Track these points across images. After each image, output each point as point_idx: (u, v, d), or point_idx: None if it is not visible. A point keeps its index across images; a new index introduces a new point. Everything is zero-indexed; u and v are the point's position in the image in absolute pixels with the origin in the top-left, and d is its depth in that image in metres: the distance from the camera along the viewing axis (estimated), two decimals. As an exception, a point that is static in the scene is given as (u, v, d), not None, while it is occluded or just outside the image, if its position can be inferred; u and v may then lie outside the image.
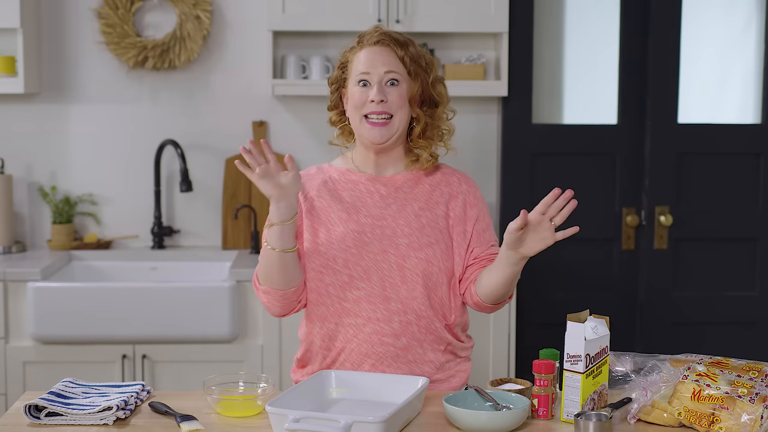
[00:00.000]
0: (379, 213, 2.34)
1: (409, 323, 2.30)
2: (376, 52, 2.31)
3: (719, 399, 1.96)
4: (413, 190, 2.37)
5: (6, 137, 4.04)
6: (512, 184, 4.12)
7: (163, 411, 2.11)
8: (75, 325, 3.50)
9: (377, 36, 2.32)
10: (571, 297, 4.14)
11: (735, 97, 4.26)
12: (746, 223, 4.18)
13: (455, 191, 2.39)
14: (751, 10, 4.19)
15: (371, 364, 2.30)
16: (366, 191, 2.36)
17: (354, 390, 2.15)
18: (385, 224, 2.32)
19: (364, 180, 2.37)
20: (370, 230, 2.31)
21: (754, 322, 4.20)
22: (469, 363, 2.45)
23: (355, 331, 2.31)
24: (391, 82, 2.30)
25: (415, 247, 2.30)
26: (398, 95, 2.30)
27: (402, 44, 2.32)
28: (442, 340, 2.35)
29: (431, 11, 3.87)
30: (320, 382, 2.15)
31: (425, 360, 2.33)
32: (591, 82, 4.21)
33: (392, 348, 2.30)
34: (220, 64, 4.08)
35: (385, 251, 2.30)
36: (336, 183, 2.38)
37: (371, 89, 2.29)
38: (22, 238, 4.08)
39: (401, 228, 2.32)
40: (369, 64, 2.30)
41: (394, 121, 2.31)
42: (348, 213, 2.33)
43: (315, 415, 1.89)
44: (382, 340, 2.30)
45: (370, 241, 2.30)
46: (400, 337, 2.30)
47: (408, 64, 2.31)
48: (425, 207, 2.36)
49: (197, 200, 4.11)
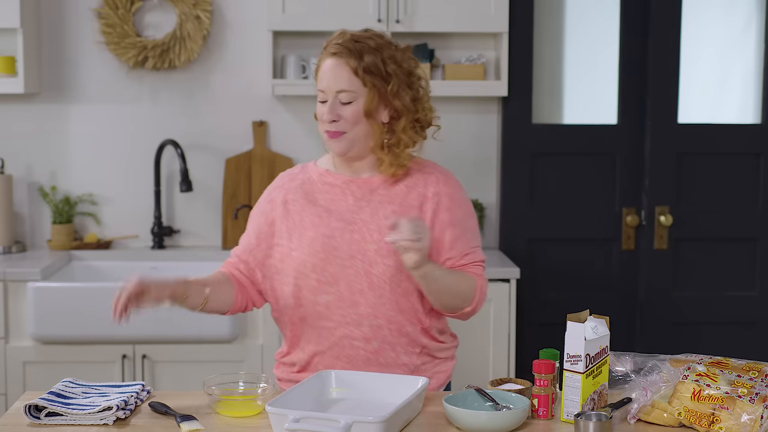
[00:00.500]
0: (351, 217, 2.30)
1: (380, 327, 2.28)
2: (331, 67, 2.25)
3: (719, 399, 1.96)
4: (389, 192, 2.32)
5: (6, 137, 4.04)
6: (512, 184, 4.12)
7: (163, 411, 2.11)
8: (75, 325, 3.50)
9: (334, 46, 2.25)
10: (571, 297, 4.14)
11: (735, 97, 4.26)
12: (746, 223, 4.18)
13: (430, 193, 2.32)
14: (751, 10, 4.19)
15: (341, 367, 2.29)
16: (341, 194, 2.33)
17: (354, 390, 2.15)
18: (355, 229, 2.29)
19: (341, 182, 2.34)
20: (339, 235, 2.28)
21: (754, 322, 4.20)
22: (452, 362, 2.43)
23: (327, 335, 2.30)
24: (344, 101, 2.25)
25: (383, 254, 2.26)
26: (351, 113, 2.25)
27: (358, 54, 2.24)
28: (416, 344, 2.32)
29: (431, 11, 3.87)
30: (320, 382, 2.15)
31: (398, 363, 2.31)
32: (591, 82, 4.21)
33: (363, 352, 2.29)
34: (220, 64, 4.08)
35: (353, 257, 2.27)
36: (313, 185, 2.36)
37: (326, 106, 2.27)
38: (22, 238, 4.08)
39: (371, 233, 2.28)
40: (324, 80, 2.26)
41: (347, 137, 2.27)
42: (320, 217, 2.31)
43: (315, 415, 1.89)
44: (352, 343, 2.29)
45: (338, 246, 2.27)
46: (370, 341, 2.29)
47: (362, 75, 2.24)
48: (398, 210, 2.29)
49: (197, 200, 4.11)
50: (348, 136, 2.27)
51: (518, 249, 4.12)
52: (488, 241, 4.19)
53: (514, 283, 3.70)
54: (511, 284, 3.70)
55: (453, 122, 4.13)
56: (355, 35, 2.28)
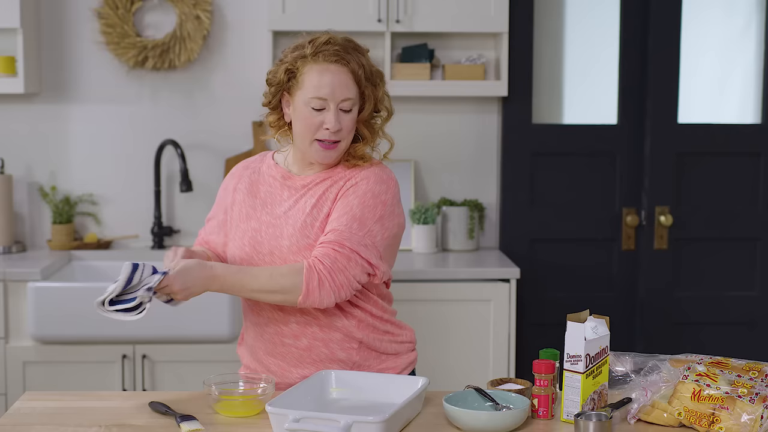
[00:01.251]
0: (279, 212, 2.29)
1: (308, 323, 2.26)
2: (333, 73, 2.21)
3: (719, 399, 1.96)
4: (314, 188, 2.29)
5: (6, 137, 4.04)
6: (512, 184, 4.12)
7: (163, 411, 2.11)
8: (75, 325, 3.50)
9: (334, 53, 2.20)
10: (571, 297, 4.14)
11: (735, 98, 4.26)
12: (746, 223, 4.18)
13: (347, 185, 2.25)
14: (751, 11, 4.19)
15: (276, 363, 2.29)
16: (279, 188, 2.32)
17: (354, 390, 2.15)
18: (277, 224, 2.27)
19: (280, 177, 2.33)
20: (265, 229, 2.28)
21: (754, 322, 4.20)
22: (406, 357, 2.37)
23: (260, 330, 2.31)
24: (346, 109, 2.23)
25: (294, 249, 2.24)
26: (350, 120, 2.24)
27: (358, 60, 2.23)
28: (352, 339, 2.28)
29: (431, 11, 3.87)
30: (320, 382, 2.15)
31: (335, 359, 2.27)
32: (591, 82, 4.21)
33: (293, 349, 2.28)
34: (220, 64, 4.08)
35: (271, 253, 2.26)
36: (260, 176, 2.36)
37: (326, 114, 2.21)
38: (22, 238, 4.08)
39: (287, 228, 2.26)
40: (326, 87, 2.19)
41: (341, 147, 2.26)
42: (255, 209, 2.31)
43: (315, 415, 1.89)
44: (282, 341, 2.29)
45: (262, 241, 2.28)
46: (299, 338, 2.27)
47: (363, 84, 2.23)
48: (315, 204, 2.26)
49: (197, 200, 4.11)
50: (341, 145, 2.25)
51: (518, 249, 4.12)
52: (488, 241, 4.20)
53: (514, 283, 3.70)
54: (511, 284, 3.70)
55: (453, 122, 4.13)
56: (344, 39, 2.25)
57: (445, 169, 4.14)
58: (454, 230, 4.05)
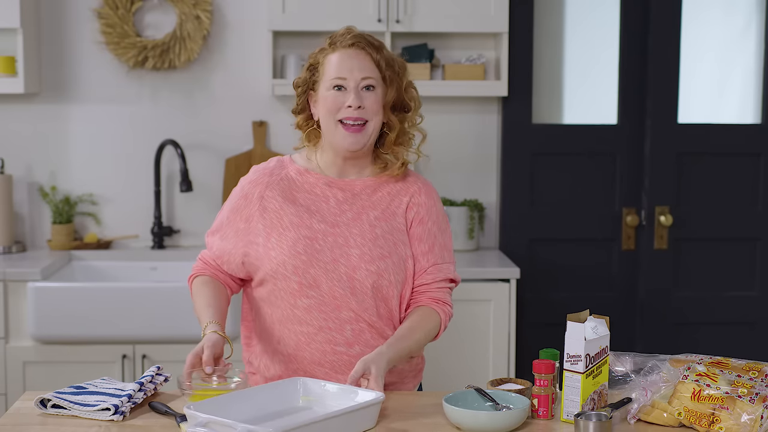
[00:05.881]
0: (333, 219, 2.28)
1: (362, 331, 2.27)
2: (351, 56, 2.25)
3: (719, 399, 1.96)
4: (371, 198, 2.32)
5: (6, 137, 4.05)
6: (512, 184, 4.12)
7: (163, 411, 2.11)
8: (75, 325, 3.50)
9: (351, 38, 2.26)
10: (571, 297, 4.14)
11: (735, 98, 4.26)
12: (746, 223, 4.18)
13: (413, 202, 2.33)
14: (751, 11, 4.19)
15: (324, 372, 2.28)
16: (322, 195, 2.31)
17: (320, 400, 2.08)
18: (338, 232, 2.27)
19: (321, 183, 2.32)
20: (322, 237, 2.26)
21: (754, 322, 4.20)
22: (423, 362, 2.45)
23: (306, 340, 2.28)
24: (367, 87, 2.25)
25: (366, 259, 2.25)
26: (374, 100, 2.25)
27: (377, 48, 2.27)
28: None
29: (431, 11, 3.87)
30: (291, 387, 2.11)
31: None
32: (591, 82, 4.21)
33: (345, 356, 2.28)
34: (220, 64, 4.08)
35: (335, 261, 2.25)
36: (292, 183, 2.32)
37: (347, 94, 2.24)
38: (22, 238, 4.08)
39: (354, 237, 2.26)
40: (345, 68, 2.24)
41: (368, 127, 2.26)
42: (301, 217, 2.28)
43: (217, 420, 1.84)
44: (335, 349, 2.27)
45: (321, 249, 2.25)
46: (353, 346, 2.27)
47: (383, 69, 2.26)
48: (381, 217, 2.30)
49: (197, 200, 4.11)
50: (369, 125, 2.26)
51: (518, 249, 4.12)
52: (488, 241, 4.20)
53: (514, 283, 3.70)
54: (511, 284, 3.70)
55: (453, 122, 4.13)
56: (364, 32, 2.31)
57: (445, 169, 4.14)
58: (454, 230, 4.05)
